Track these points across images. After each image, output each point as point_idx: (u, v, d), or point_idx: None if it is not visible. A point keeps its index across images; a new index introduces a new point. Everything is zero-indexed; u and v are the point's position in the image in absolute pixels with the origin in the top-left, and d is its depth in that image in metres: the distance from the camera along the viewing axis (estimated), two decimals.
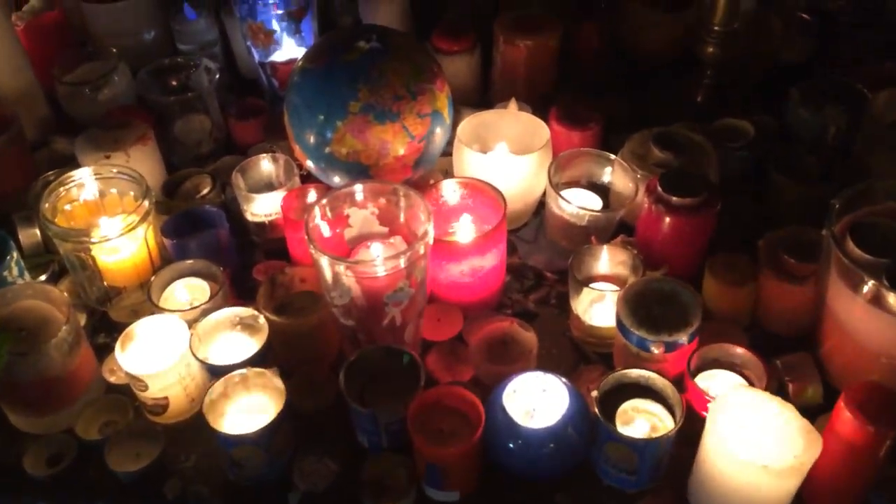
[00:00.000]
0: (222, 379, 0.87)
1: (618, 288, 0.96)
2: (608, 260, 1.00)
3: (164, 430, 0.92)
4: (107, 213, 1.05)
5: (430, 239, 0.87)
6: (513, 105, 1.15)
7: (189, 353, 0.90)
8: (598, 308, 0.98)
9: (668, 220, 0.99)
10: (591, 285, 0.98)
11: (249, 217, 1.12)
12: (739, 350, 0.90)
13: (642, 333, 0.87)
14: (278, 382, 0.87)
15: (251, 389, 0.89)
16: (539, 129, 1.10)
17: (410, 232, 0.93)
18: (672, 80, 1.35)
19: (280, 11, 1.23)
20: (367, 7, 1.37)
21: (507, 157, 1.09)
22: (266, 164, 1.14)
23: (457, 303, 1.02)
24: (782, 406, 0.78)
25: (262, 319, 0.94)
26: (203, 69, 1.27)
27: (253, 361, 0.89)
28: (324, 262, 0.84)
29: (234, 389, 0.88)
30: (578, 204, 1.05)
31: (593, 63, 1.38)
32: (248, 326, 0.96)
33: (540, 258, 1.11)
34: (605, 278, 1.01)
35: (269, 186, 1.13)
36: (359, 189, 0.92)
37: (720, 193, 1.00)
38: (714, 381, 0.90)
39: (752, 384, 0.88)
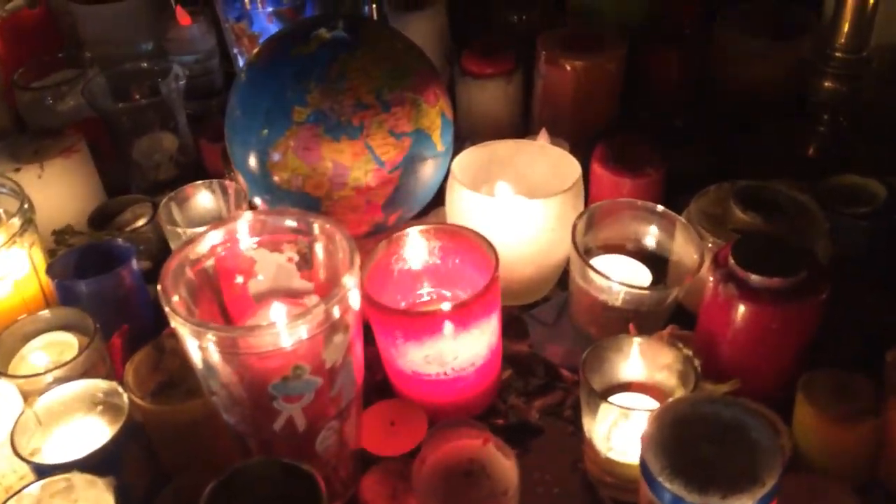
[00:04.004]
0: (35, 485, 0.59)
1: (654, 404, 0.63)
2: (645, 359, 0.67)
3: None
4: None
5: (353, 296, 0.56)
6: (543, 136, 0.85)
7: (9, 441, 0.63)
8: (621, 432, 0.65)
9: (741, 308, 0.65)
10: (613, 398, 0.65)
11: None
12: None
13: (677, 489, 0.53)
14: (109, 499, 0.58)
15: None
16: (568, 168, 0.79)
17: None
18: (778, 131, 1.01)
19: (268, 10, 0.98)
20: (395, 23, 1.11)
21: (513, 201, 0.78)
22: (206, 195, 0.87)
23: (423, 403, 0.71)
24: None
25: (125, 398, 0.65)
26: (172, 76, 1.03)
27: (95, 461, 0.61)
28: (178, 327, 0.55)
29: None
30: (615, 276, 0.72)
31: (670, 101, 1.06)
32: (113, 409, 0.68)
33: (557, 349, 0.79)
34: (641, 388, 0.68)
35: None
36: (244, 221, 0.62)
37: (829, 274, 0.66)
38: None
39: None
